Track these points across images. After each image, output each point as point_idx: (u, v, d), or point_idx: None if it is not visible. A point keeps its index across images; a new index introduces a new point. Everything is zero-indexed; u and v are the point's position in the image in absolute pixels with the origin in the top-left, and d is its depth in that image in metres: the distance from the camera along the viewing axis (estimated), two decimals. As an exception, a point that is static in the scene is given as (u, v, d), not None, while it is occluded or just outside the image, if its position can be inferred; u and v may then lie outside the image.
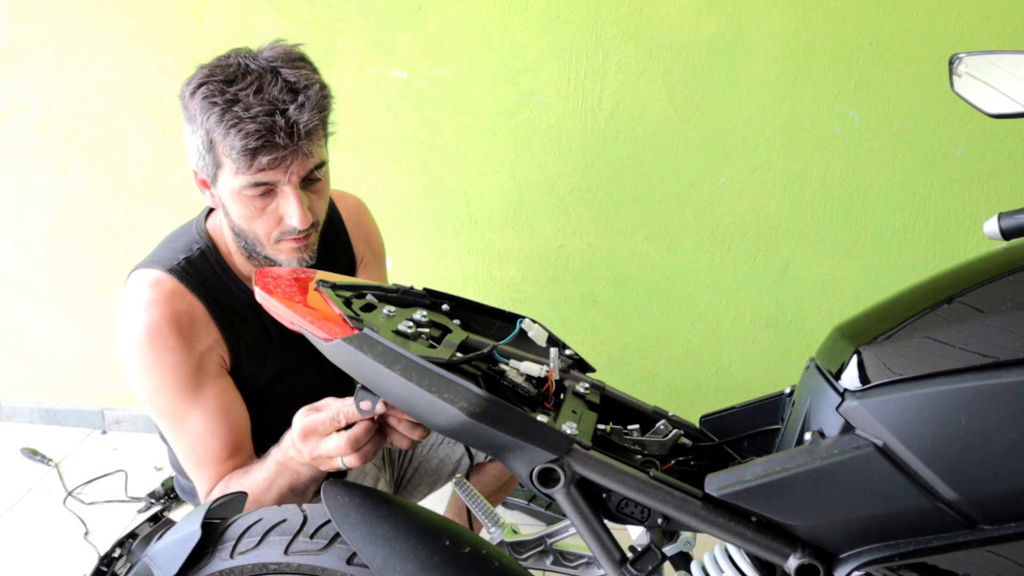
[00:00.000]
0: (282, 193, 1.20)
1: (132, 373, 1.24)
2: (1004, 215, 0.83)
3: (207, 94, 1.16)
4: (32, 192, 2.37)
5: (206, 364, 1.24)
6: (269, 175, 1.17)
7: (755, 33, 2.00)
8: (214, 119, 1.15)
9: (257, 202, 1.20)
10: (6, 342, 2.58)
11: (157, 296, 1.22)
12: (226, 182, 1.20)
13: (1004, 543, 0.74)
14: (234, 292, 1.31)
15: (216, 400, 1.24)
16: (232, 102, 1.14)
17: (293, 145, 1.16)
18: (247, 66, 1.18)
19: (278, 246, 1.25)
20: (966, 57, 0.91)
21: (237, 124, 1.14)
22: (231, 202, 1.22)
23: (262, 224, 1.22)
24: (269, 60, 1.19)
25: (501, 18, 2.04)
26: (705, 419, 1.06)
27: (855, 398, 0.76)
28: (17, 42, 2.21)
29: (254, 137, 1.13)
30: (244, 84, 1.15)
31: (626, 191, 2.16)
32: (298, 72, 1.18)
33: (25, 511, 2.23)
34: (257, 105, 1.14)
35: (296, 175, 1.19)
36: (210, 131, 1.16)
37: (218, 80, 1.16)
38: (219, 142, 1.16)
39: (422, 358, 0.84)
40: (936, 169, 2.07)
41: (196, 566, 1.01)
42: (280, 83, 1.16)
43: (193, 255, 1.29)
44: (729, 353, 2.32)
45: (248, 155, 1.15)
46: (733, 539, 0.81)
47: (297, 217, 1.20)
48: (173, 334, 1.21)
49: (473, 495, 1.09)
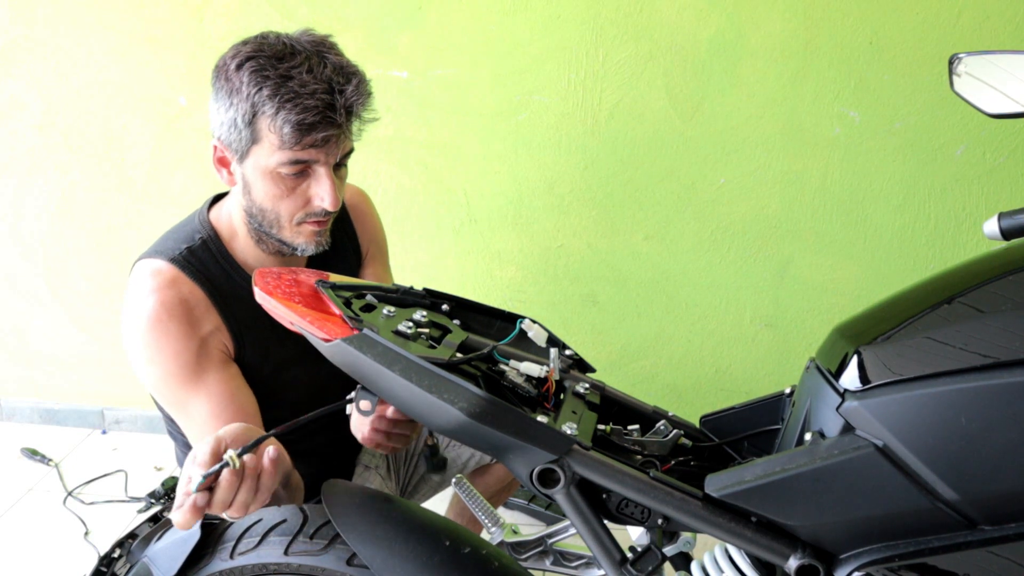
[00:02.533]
0: (315, 174, 1.20)
1: (137, 363, 1.24)
2: (1004, 215, 0.83)
3: (257, 68, 1.15)
4: (32, 192, 2.37)
5: (208, 351, 1.24)
6: (312, 153, 1.17)
7: (755, 33, 2.00)
8: (267, 92, 1.14)
9: (289, 181, 1.20)
10: (6, 342, 2.58)
11: (157, 284, 1.22)
12: (260, 158, 1.19)
13: (1004, 543, 0.74)
14: (236, 280, 1.30)
15: (220, 386, 1.23)
16: (286, 78, 1.14)
17: (347, 125, 1.18)
18: (293, 46, 1.18)
19: (299, 228, 1.25)
20: (966, 57, 0.91)
21: (294, 99, 1.13)
22: (259, 180, 1.21)
23: (288, 204, 1.22)
24: (312, 43, 1.19)
25: (501, 18, 2.04)
26: (705, 419, 1.06)
27: (855, 398, 0.76)
28: (17, 42, 2.21)
29: (312, 112, 1.13)
30: (296, 62, 1.15)
31: (626, 191, 2.16)
32: (341, 59, 1.20)
33: (25, 511, 2.23)
34: (313, 83, 1.14)
35: (335, 157, 1.20)
36: (258, 104, 1.15)
37: (267, 56, 1.16)
38: (267, 116, 1.15)
39: (422, 358, 0.84)
40: (936, 169, 2.07)
41: (196, 566, 1.01)
42: (330, 65, 1.17)
43: (195, 244, 1.29)
44: (729, 353, 2.32)
45: (304, 130, 1.14)
46: (733, 539, 0.81)
47: (330, 198, 1.20)
48: (173, 321, 1.21)
49: (473, 495, 1.09)
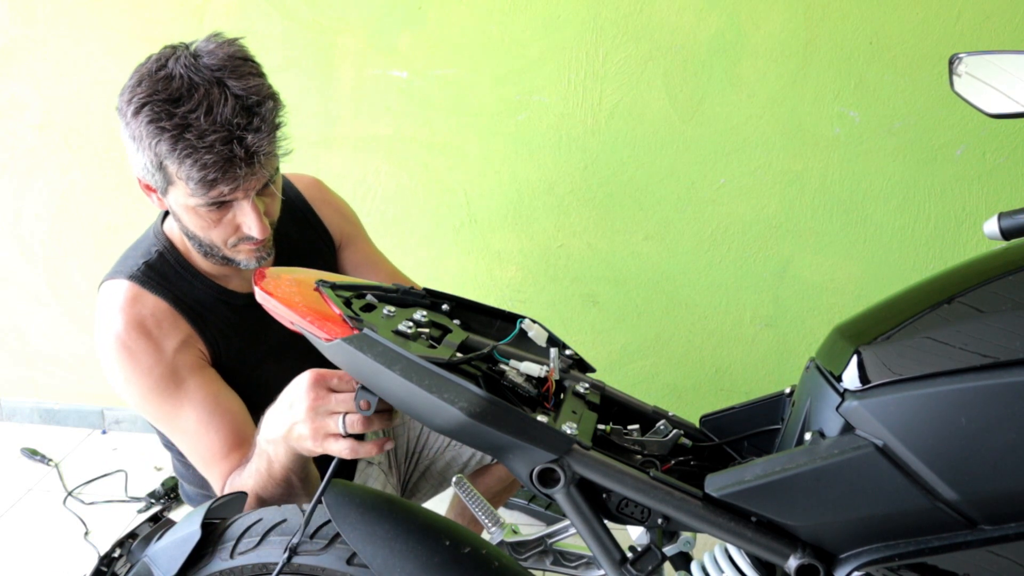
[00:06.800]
0: (239, 206, 1.18)
1: (116, 385, 1.24)
2: (1004, 215, 0.83)
3: (152, 116, 1.09)
4: (32, 192, 2.37)
5: (182, 361, 1.23)
6: (227, 195, 1.15)
7: (755, 33, 2.00)
8: (165, 146, 1.10)
9: (213, 215, 1.18)
10: (6, 342, 2.58)
11: (120, 304, 1.22)
12: (178, 198, 1.17)
13: (1004, 543, 0.74)
14: (198, 287, 1.30)
15: (201, 393, 1.23)
16: (183, 128, 1.08)
17: (252, 171, 1.13)
18: (191, 80, 1.10)
19: (236, 249, 1.24)
20: (966, 57, 0.91)
21: (192, 154, 1.09)
22: (183, 214, 1.20)
23: (219, 232, 1.21)
24: (212, 69, 1.11)
25: (501, 18, 2.04)
26: (705, 419, 1.06)
27: (855, 398, 0.76)
28: (17, 42, 2.21)
29: (213, 169, 1.09)
30: (192, 104, 1.09)
31: (626, 191, 2.16)
32: (246, 84, 1.12)
33: (25, 511, 2.23)
34: (212, 132, 1.08)
35: (253, 190, 1.17)
36: (161, 155, 1.11)
37: (161, 100, 1.09)
38: (171, 167, 1.12)
39: (422, 358, 0.84)
40: (936, 169, 2.07)
41: (196, 566, 1.01)
42: (231, 100, 1.10)
43: (152, 258, 1.28)
44: (729, 353, 2.32)
45: (208, 184, 1.11)
46: (733, 539, 0.81)
47: (256, 228, 1.18)
48: (141, 338, 1.20)
49: (473, 495, 1.09)
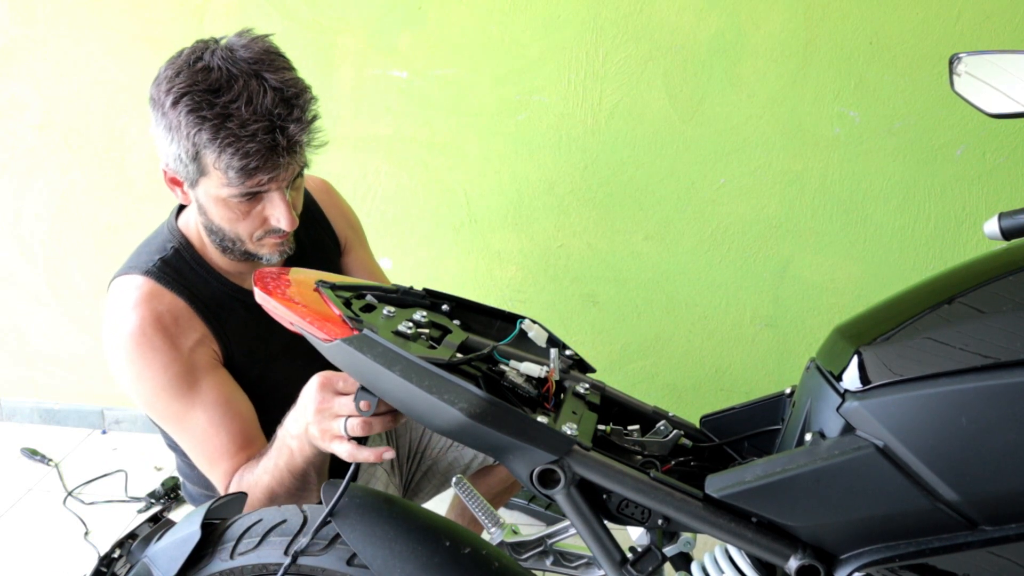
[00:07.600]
0: (269, 198, 1.19)
1: (125, 381, 1.23)
2: (1004, 215, 0.83)
3: (193, 106, 1.11)
4: (32, 192, 2.37)
5: (197, 360, 1.23)
6: (264, 185, 1.17)
7: (755, 33, 2.00)
8: (206, 135, 1.11)
9: (243, 207, 1.19)
10: (6, 342, 2.58)
11: (136, 300, 1.22)
12: (210, 188, 1.18)
13: (1005, 544, 0.74)
14: (214, 285, 1.30)
15: (214, 393, 1.23)
16: (224, 117, 1.10)
17: (292, 160, 1.16)
18: (229, 71, 1.12)
19: (260, 242, 1.24)
20: (966, 57, 0.91)
21: (234, 143, 1.10)
22: (212, 205, 1.20)
23: (246, 225, 1.22)
24: (249, 62, 1.14)
25: (501, 18, 2.04)
26: (705, 419, 1.06)
27: (856, 399, 0.76)
28: (17, 42, 2.21)
29: (255, 157, 1.11)
30: (232, 95, 1.11)
31: (626, 191, 2.16)
32: (282, 76, 1.15)
33: (25, 511, 2.22)
34: (254, 121, 1.10)
35: (287, 181, 1.19)
36: (199, 145, 1.12)
37: (201, 90, 1.11)
38: (210, 156, 1.13)
39: (422, 359, 0.84)
40: (936, 169, 2.07)
41: (196, 566, 1.01)
42: (270, 92, 1.12)
43: (168, 254, 1.28)
44: (729, 353, 2.32)
45: (248, 173, 1.13)
46: (733, 540, 0.81)
47: (286, 221, 1.20)
48: (158, 335, 1.20)
49: (473, 495, 1.08)
